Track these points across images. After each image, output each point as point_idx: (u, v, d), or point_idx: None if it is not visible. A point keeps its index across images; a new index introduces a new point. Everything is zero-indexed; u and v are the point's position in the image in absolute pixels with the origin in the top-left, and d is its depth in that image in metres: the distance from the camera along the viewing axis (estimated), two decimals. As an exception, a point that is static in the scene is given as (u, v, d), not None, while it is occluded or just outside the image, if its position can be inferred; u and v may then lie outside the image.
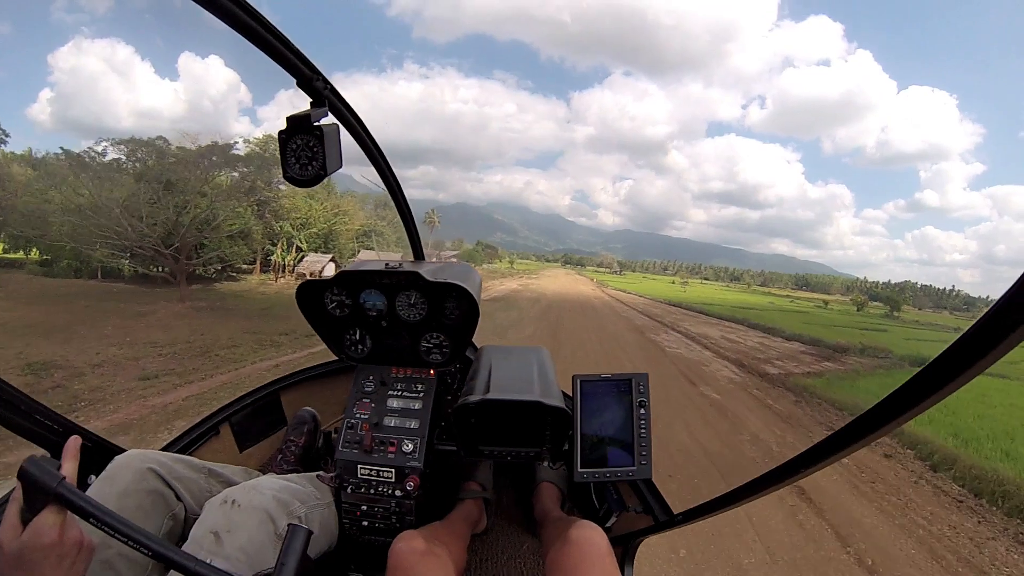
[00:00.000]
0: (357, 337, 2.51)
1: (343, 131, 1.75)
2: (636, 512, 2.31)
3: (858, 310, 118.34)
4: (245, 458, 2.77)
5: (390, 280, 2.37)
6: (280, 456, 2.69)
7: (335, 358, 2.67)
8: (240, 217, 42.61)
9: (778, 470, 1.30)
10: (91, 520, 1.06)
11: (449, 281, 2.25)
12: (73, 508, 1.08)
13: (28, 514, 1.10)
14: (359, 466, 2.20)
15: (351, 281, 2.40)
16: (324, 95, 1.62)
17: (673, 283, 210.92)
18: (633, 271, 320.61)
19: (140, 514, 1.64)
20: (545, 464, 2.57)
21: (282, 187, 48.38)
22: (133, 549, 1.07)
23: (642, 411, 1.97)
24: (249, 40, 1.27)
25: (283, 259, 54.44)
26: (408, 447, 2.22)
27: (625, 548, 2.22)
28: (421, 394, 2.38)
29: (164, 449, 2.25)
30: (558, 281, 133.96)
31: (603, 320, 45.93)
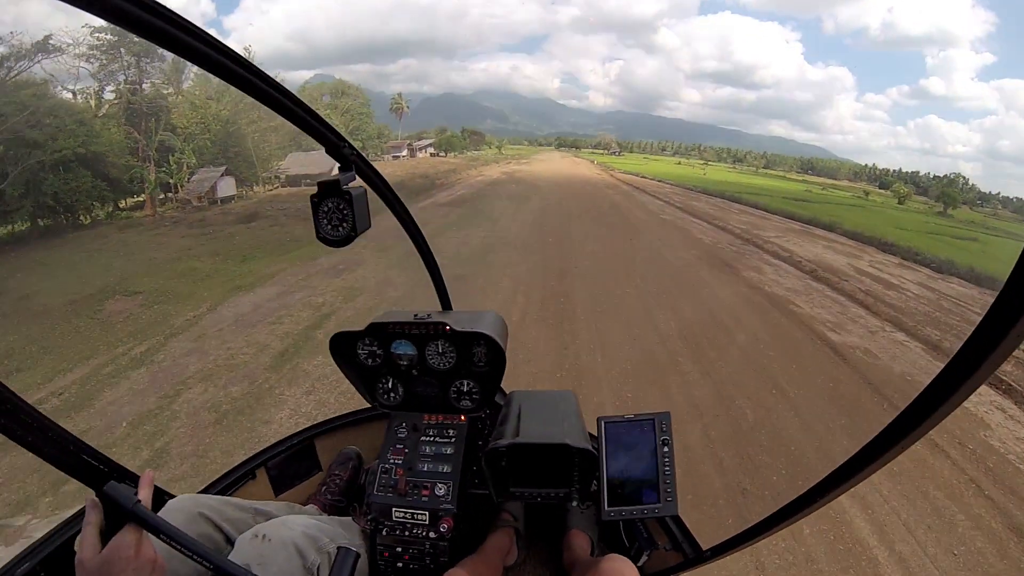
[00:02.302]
0: (389, 385, 2.61)
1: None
2: (666, 550, 2.36)
3: (899, 203, 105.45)
4: (281, 499, 2.78)
5: (420, 330, 2.48)
6: (324, 487, 2.74)
7: (367, 405, 2.79)
8: (73, 135, 33.68)
9: (808, 494, 1.31)
10: (162, 537, 1.24)
11: (477, 331, 2.39)
12: (147, 526, 1.24)
13: (107, 533, 1.25)
14: (394, 509, 2.30)
15: (382, 332, 2.51)
16: (352, 160, 1.71)
17: (679, 164, 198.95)
18: (631, 151, 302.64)
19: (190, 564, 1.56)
20: (574, 505, 2.23)
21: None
22: (197, 564, 1.26)
23: (666, 449, 2.01)
24: (279, 113, 1.34)
25: (177, 180, 43.49)
26: (441, 490, 2.32)
27: None
28: (453, 439, 2.48)
29: (203, 491, 2.33)
30: (552, 165, 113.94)
31: (643, 239, 27.62)
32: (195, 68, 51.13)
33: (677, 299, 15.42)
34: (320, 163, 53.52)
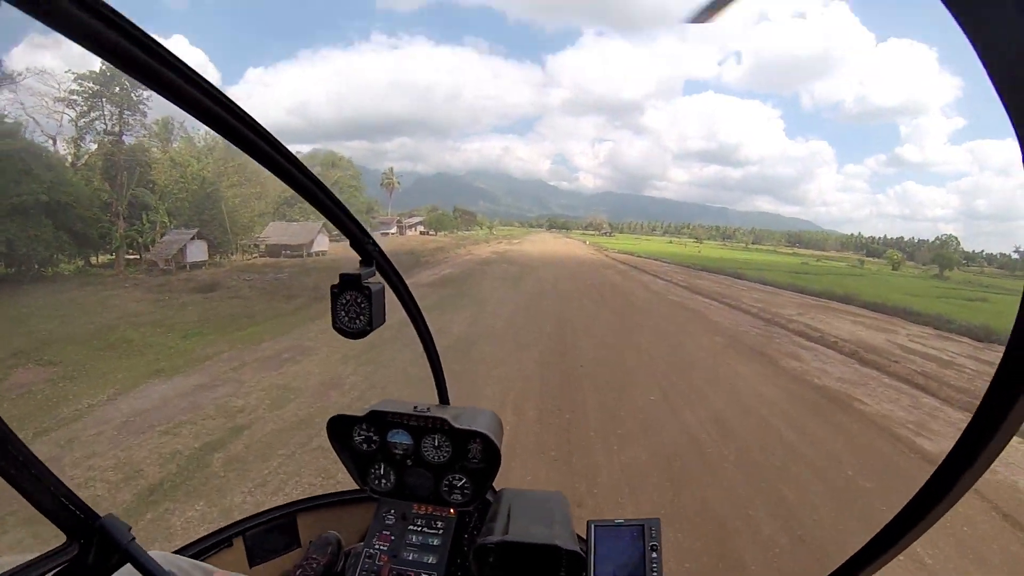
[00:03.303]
0: (382, 472, 2.60)
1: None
2: None
3: (893, 269, 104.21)
4: (256, 573, 2.73)
5: (418, 423, 2.51)
6: (299, 571, 2.53)
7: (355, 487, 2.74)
8: (37, 180, 31.06)
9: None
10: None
11: (474, 429, 2.42)
12: (138, 565, 1.26)
13: (95, 567, 1.32)
14: None
15: (381, 420, 2.54)
16: (373, 256, 1.83)
17: (671, 243, 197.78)
18: (622, 232, 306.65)
19: None
20: None
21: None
22: None
23: (654, 555, 1.99)
24: (315, 206, 1.47)
25: (148, 240, 40.14)
26: None
27: None
28: (440, 531, 2.45)
29: (177, 552, 2.19)
30: (545, 245, 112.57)
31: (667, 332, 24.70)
32: (186, 127, 49.92)
33: (718, 406, 11.97)
34: (301, 235, 51.48)
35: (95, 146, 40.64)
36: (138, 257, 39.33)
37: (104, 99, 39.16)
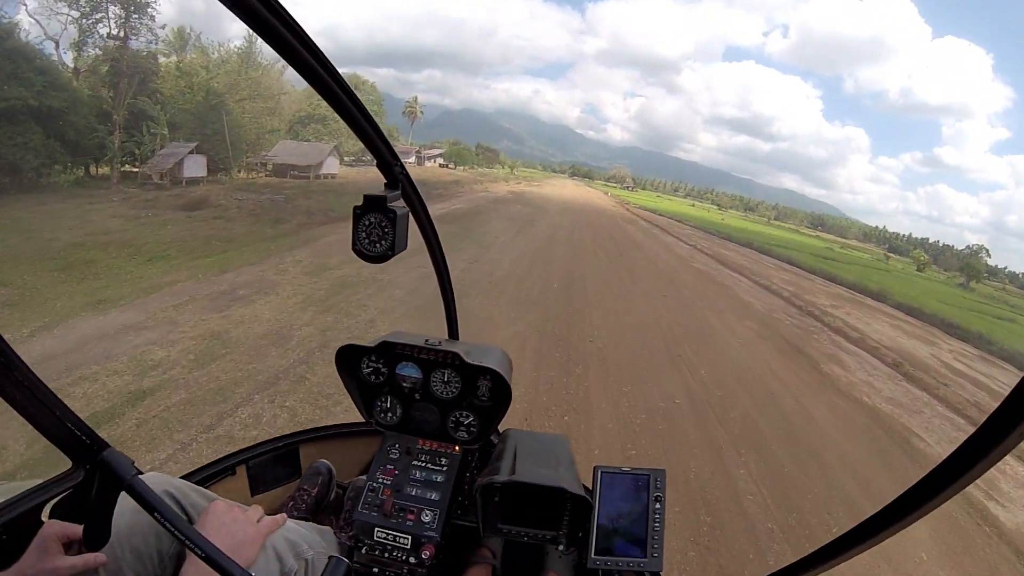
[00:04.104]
0: (388, 405, 2.56)
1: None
2: None
3: (918, 270, 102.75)
4: (256, 501, 2.58)
5: (428, 356, 2.46)
6: (291, 503, 2.63)
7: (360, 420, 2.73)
8: (28, 84, 29.24)
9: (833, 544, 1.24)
10: (156, 516, 1.20)
11: (485, 365, 2.35)
12: (141, 501, 1.21)
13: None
14: (376, 529, 2.25)
15: (390, 352, 2.49)
16: (399, 179, 1.72)
17: (693, 206, 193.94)
18: (644, 188, 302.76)
19: (151, 530, 1.54)
20: (558, 548, 2.20)
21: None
22: (157, 543, 1.39)
23: (657, 506, 1.99)
24: (345, 120, 1.39)
25: (145, 152, 37.52)
26: (427, 517, 2.27)
27: None
28: (444, 468, 2.42)
29: (182, 478, 2.07)
30: (565, 191, 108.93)
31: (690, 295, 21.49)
32: (201, 39, 48.18)
33: (759, 429, 9.48)
34: (310, 155, 49.55)
35: (99, 51, 38.22)
36: (137, 170, 37.28)
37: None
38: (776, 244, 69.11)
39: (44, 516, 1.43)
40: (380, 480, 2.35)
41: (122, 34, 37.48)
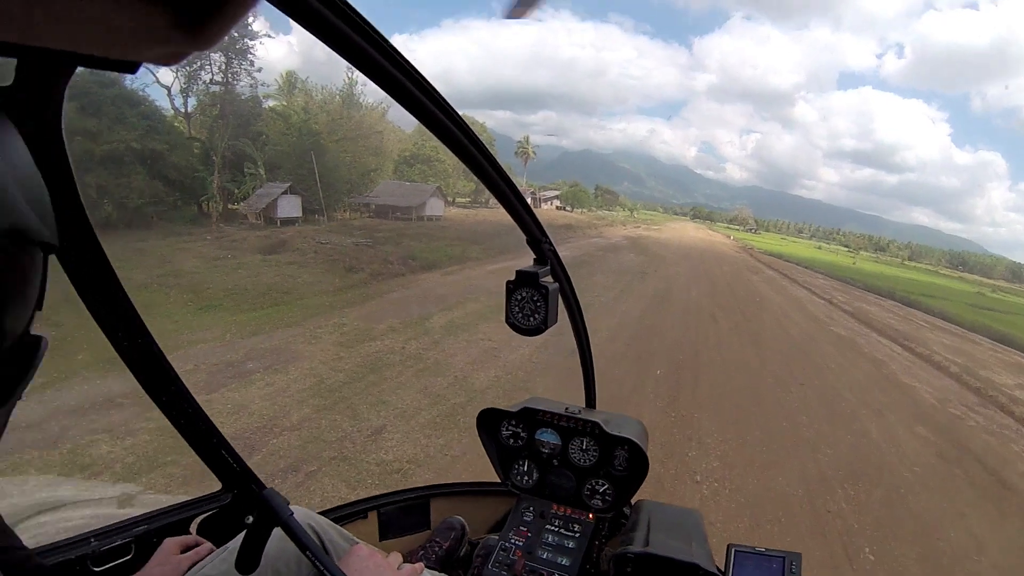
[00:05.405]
0: (525, 469, 2.61)
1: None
2: None
3: None
4: (383, 547, 2.77)
5: (568, 424, 2.51)
6: (422, 552, 2.68)
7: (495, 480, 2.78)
8: (131, 128, 30.72)
9: None
10: (307, 554, 1.33)
11: (624, 435, 2.38)
12: (295, 539, 1.35)
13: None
14: None
15: (531, 417, 2.56)
16: (548, 256, 1.83)
17: (819, 248, 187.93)
18: (767, 230, 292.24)
19: (294, 559, 1.67)
20: None
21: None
22: None
23: None
24: (499, 200, 1.47)
25: (244, 192, 38.78)
26: None
27: None
28: (576, 534, 2.41)
29: (320, 514, 2.13)
30: (685, 234, 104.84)
31: None
32: (308, 82, 49.96)
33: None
34: (412, 196, 48.98)
35: (203, 97, 40.53)
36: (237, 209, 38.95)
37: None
38: (922, 293, 62.36)
39: (192, 529, 1.76)
40: (513, 541, 2.37)
41: (223, 79, 39.09)
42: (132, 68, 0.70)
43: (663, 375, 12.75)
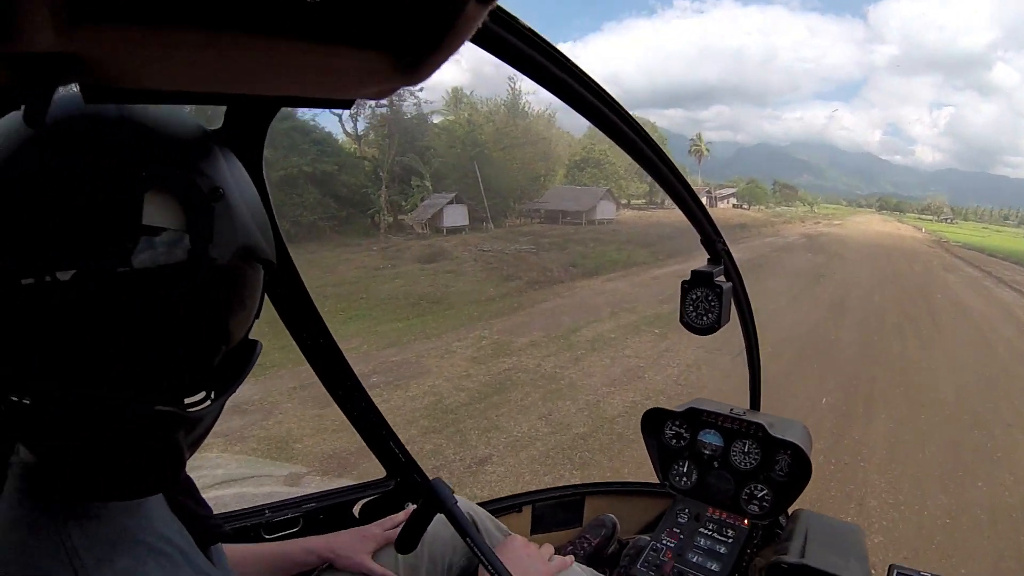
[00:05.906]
0: (685, 470, 2.62)
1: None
2: None
3: None
4: (535, 540, 2.23)
5: (732, 425, 2.51)
6: (571, 547, 2.70)
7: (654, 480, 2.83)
8: (303, 154, 36.14)
9: None
10: (467, 540, 1.41)
11: (788, 439, 2.35)
12: (457, 526, 1.44)
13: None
14: None
15: (696, 418, 2.58)
16: (721, 256, 1.88)
17: None
18: (965, 218, 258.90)
19: (449, 543, 1.78)
20: None
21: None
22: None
23: None
24: (673, 199, 1.54)
25: (412, 205, 42.85)
26: None
27: None
28: (730, 540, 2.40)
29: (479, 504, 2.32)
30: (870, 229, 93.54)
31: None
32: (473, 96, 52.41)
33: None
34: (581, 200, 49.86)
35: (370, 120, 44.37)
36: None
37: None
38: None
39: (355, 511, 1.96)
40: (664, 541, 2.38)
41: (389, 101, 40.84)
42: (348, 104, 0.77)
43: (829, 405, 10.67)
